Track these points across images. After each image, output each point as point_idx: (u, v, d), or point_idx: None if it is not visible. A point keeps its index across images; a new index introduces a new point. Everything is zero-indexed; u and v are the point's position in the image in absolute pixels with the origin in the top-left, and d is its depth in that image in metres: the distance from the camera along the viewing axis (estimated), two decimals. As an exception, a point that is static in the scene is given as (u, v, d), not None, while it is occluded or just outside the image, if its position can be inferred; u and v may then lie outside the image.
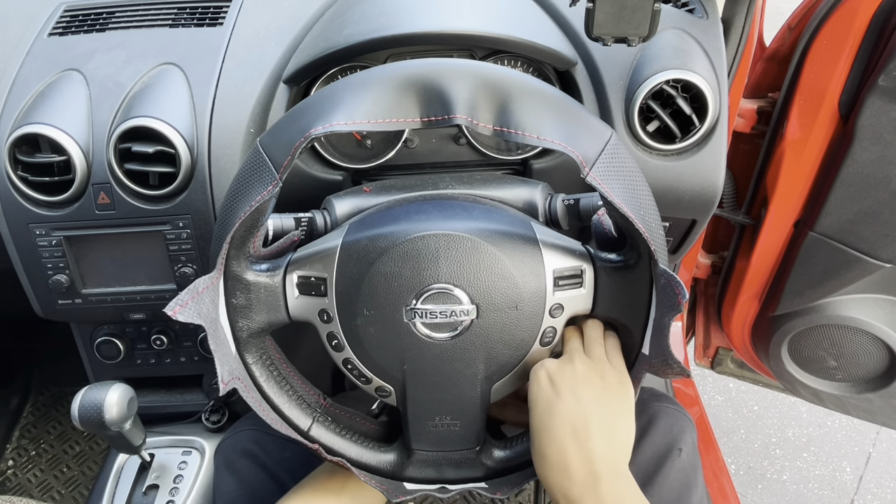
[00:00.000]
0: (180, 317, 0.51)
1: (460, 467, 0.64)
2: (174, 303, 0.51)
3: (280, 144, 0.52)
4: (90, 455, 1.58)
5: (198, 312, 0.53)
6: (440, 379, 0.60)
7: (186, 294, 0.52)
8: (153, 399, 1.08)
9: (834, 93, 0.96)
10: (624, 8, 0.66)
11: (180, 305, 0.51)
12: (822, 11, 0.95)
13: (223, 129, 0.84)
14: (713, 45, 0.87)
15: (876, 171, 0.94)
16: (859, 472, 1.69)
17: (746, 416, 1.84)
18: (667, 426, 0.78)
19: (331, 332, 0.60)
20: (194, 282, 0.53)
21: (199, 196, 0.84)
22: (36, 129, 0.81)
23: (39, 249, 0.87)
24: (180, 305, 0.51)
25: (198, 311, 0.53)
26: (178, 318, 0.51)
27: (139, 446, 0.86)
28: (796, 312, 1.13)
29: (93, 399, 0.78)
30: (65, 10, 0.97)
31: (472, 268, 0.57)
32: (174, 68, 0.88)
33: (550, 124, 0.51)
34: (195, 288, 0.53)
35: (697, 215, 0.90)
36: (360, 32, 0.82)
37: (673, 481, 0.74)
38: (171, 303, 0.51)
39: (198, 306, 0.53)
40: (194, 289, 0.53)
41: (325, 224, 0.70)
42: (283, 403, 0.63)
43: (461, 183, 0.71)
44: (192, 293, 0.52)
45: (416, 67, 0.52)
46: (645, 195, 0.56)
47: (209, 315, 0.55)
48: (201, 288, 0.53)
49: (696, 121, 0.83)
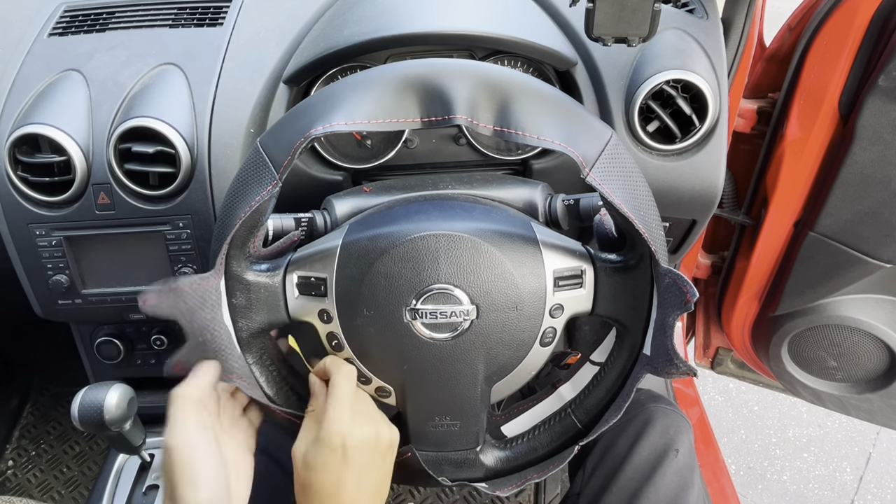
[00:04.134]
0: (148, 309, 0.52)
1: (460, 467, 0.64)
2: (147, 293, 0.51)
3: (280, 144, 0.52)
4: (90, 455, 1.58)
5: (174, 307, 0.53)
6: (440, 379, 0.60)
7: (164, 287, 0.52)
8: (153, 399, 1.08)
9: (834, 93, 0.96)
10: (624, 8, 0.66)
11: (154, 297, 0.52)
12: (821, 12, 0.95)
13: (223, 130, 0.84)
14: (713, 45, 0.87)
15: (876, 172, 0.94)
16: (859, 472, 1.69)
17: (746, 416, 1.84)
18: (663, 427, 0.78)
19: (331, 332, 0.60)
20: (179, 279, 0.53)
21: (199, 196, 0.84)
22: (36, 130, 0.81)
23: (39, 250, 0.87)
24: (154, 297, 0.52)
25: (174, 306, 0.53)
26: (146, 310, 0.51)
27: (139, 446, 0.86)
28: (796, 313, 1.13)
29: (93, 399, 0.77)
30: (65, 11, 0.97)
31: (472, 268, 0.57)
32: (174, 68, 0.88)
33: (551, 125, 0.51)
34: (177, 286, 0.53)
35: (697, 215, 0.90)
36: (360, 32, 0.82)
37: (669, 482, 0.75)
38: (144, 293, 0.51)
39: (175, 300, 0.53)
40: (177, 287, 0.53)
41: (325, 224, 0.70)
42: (284, 404, 0.63)
43: (461, 183, 0.71)
44: (172, 291, 0.53)
45: (416, 68, 0.52)
46: (645, 196, 0.56)
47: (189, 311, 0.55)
48: (186, 286, 0.53)
49: (696, 121, 0.83)
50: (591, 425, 0.63)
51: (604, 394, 0.63)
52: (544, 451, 0.65)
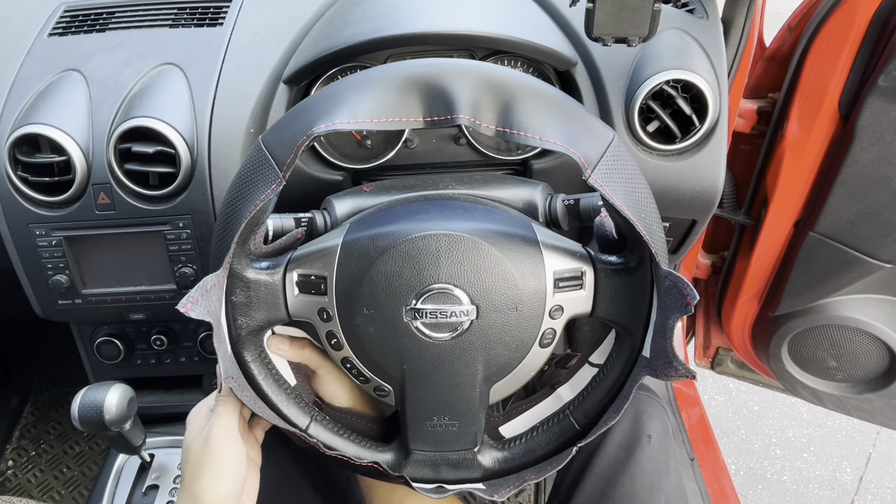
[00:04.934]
0: (192, 313, 0.52)
1: (458, 468, 0.64)
2: (186, 300, 0.52)
3: (283, 142, 0.52)
4: (90, 455, 1.58)
5: (207, 310, 0.53)
6: (439, 379, 0.60)
7: (196, 291, 0.52)
8: (153, 399, 1.08)
9: (834, 93, 0.96)
10: (624, 8, 0.65)
11: (192, 302, 0.52)
12: (821, 12, 0.95)
13: (223, 130, 0.84)
14: (713, 45, 0.87)
15: (876, 172, 0.94)
16: (859, 472, 1.69)
17: (746, 416, 1.84)
18: (634, 413, 0.77)
19: (330, 330, 0.60)
20: (203, 279, 0.53)
21: (199, 196, 0.84)
22: (36, 130, 0.81)
23: (39, 250, 0.87)
24: (192, 302, 0.52)
25: (207, 309, 0.53)
26: (191, 314, 0.51)
27: (139, 447, 0.86)
28: (796, 313, 1.13)
29: (93, 399, 0.78)
30: (65, 11, 0.97)
31: (472, 268, 0.57)
32: (174, 68, 0.88)
33: (552, 125, 0.51)
34: (204, 285, 0.53)
35: (697, 215, 0.90)
36: (360, 32, 0.82)
37: (645, 468, 0.73)
38: (182, 300, 0.51)
39: (207, 303, 0.54)
40: (203, 286, 0.53)
41: (325, 224, 0.70)
42: (282, 402, 0.63)
43: (461, 183, 0.71)
44: (202, 290, 0.53)
45: (418, 67, 0.52)
46: (646, 197, 0.56)
47: (215, 313, 0.55)
48: (209, 286, 0.54)
49: (697, 121, 0.83)
50: (589, 427, 0.63)
51: (602, 395, 0.63)
52: (542, 452, 0.64)
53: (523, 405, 0.69)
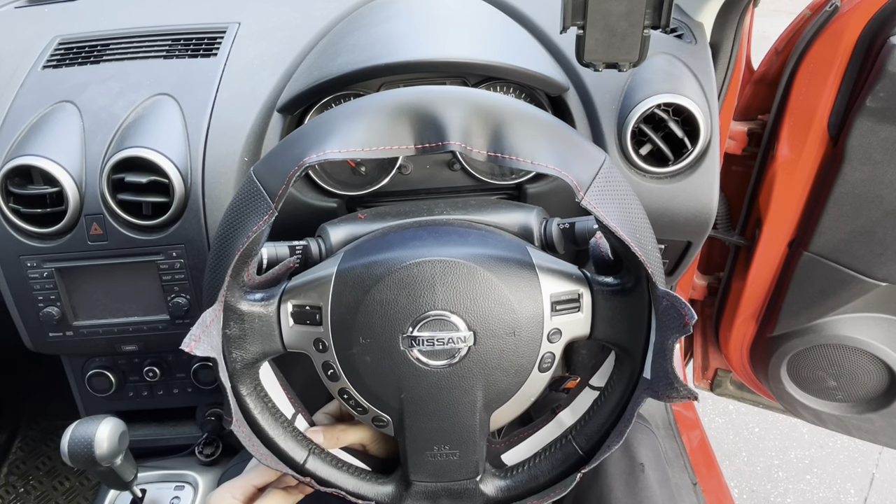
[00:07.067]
0: (197, 351, 0.51)
1: (460, 498, 0.63)
2: (188, 338, 0.51)
3: (274, 173, 0.52)
4: (80, 491, 1.54)
5: (210, 345, 0.53)
6: (438, 407, 0.59)
7: (198, 328, 0.52)
8: (145, 432, 1.06)
9: (823, 114, 0.97)
10: (614, 34, 0.66)
11: (195, 340, 0.51)
12: (808, 35, 0.97)
13: (217, 159, 0.84)
14: (702, 69, 0.88)
15: (867, 191, 0.95)
16: (863, 493, 1.67)
17: (748, 438, 1.82)
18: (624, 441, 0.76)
19: (326, 361, 0.59)
20: (202, 316, 0.53)
21: (192, 226, 0.84)
22: (28, 161, 0.81)
23: (30, 282, 0.86)
24: (195, 340, 0.51)
25: (210, 345, 0.53)
26: (196, 352, 0.51)
27: (130, 482, 0.84)
28: (794, 333, 1.13)
29: (83, 434, 0.76)
30: (59, 43, 0.98)
31: (468, 294, 0.56)
32: (168, 99, 0.88)
33: (544, 149, 0.51)
34: (203, 322, 0.52)
35: (692, 237, 0.91)
36: (353, 61, 0.83)
37: (643, 499, 0.72)
38: (185, 339, 0.51)
39: (209, 339, 0.53)
40: (203, 322, 0.52)
41: (320, 251, 0.69)
42: (279, 436, 0.62)
43: (456, 208, 0.71)
44: (202, 327, 0.52)
45: (409, 95, 0.52)
46: (640, 218, 0.56)
47: (218, 348, 0.55)
48: (208, 321, 0.53)
49: (688, 143, 0.83)
50: (592, 452, 0.62)
51: (605, 419, 0.62)
52: (545, 479, 0.63)
53: (525, 432, 0.68)
